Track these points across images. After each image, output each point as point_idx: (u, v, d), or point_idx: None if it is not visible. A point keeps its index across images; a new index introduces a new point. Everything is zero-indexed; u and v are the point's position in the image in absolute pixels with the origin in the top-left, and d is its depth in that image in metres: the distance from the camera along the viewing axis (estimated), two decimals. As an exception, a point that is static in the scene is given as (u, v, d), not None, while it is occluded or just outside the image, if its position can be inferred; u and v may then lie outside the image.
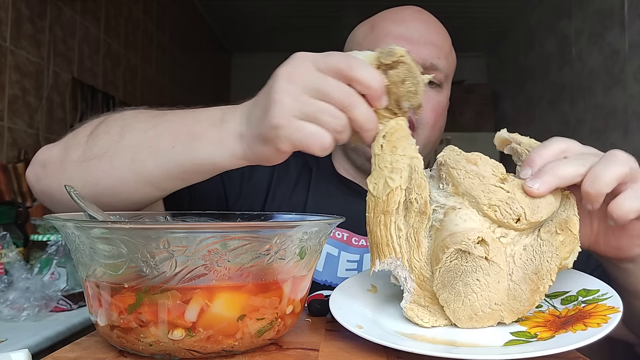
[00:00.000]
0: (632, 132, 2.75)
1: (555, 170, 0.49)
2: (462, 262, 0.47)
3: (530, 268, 0.48)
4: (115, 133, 0.60)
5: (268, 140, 0.49)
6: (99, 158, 0.60)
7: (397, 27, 0.80)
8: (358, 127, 0.49)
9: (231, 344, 0.44)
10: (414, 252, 0.49)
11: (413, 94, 0.50)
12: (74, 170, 0.61)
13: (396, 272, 0.50)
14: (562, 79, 3.56)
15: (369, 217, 0.50)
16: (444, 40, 0.83)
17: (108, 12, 2.76)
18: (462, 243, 0.47)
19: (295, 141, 0.48)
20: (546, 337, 0.45)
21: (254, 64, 5.65)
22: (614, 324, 0.44)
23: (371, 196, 0.50)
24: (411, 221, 0.49)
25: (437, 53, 0.80)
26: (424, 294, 0.50)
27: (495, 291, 0.48)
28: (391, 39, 0.79)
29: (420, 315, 0.50)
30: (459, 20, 4.51)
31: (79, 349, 0.48)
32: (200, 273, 0.41)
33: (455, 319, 0.49)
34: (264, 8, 4.36)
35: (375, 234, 0.49)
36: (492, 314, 0.48)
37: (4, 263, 1.25)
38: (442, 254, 0.47)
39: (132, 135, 0.59)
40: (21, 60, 2.02)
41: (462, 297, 0.48)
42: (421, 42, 0.79)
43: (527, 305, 0.49)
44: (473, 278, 0.47)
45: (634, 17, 2.72)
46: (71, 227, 0.44)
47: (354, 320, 0.49)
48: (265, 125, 0.49)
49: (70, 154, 0.63)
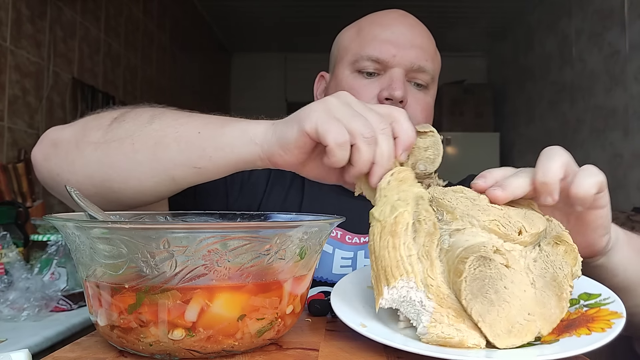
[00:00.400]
0: (632, 132, 2.75)
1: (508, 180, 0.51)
2: (486, 269, 0.44)
3: (548, 275, 0.47)
4: (144, 119, 0.61)
5: (295, 121, 0.51)
6: (121, 140, 0.59)
7: (384, 31, 0.82)
8: (378, 156, 0.50)
9: (231, 344, 0.44)
10: (428, 271, 0.46)
11: (430, 162, 0.55)
12: (91, 151, 0.61)
13: (409, 298, 0.45)
14: (562, 79, 3.56)
15: (375, 243, 0.47)
16: (428, 43, 0.85)
17: (108, 12, 2.76)
18: (481, 251, 0.45)
19: (318, 124, 0.49)
20: (550, 340, 0.45)
21: (254, 64, 5.67)
22: (618, 330, 0.44)
23: (377, 222, 0.48)
24: (421, 241, 0.47)
25: (423, 55, 0.82)
26: (446, 311, 0.44)
27: (525, 299, 0.45)
28: (378, 43, 0.81)
29: (447, 332, 0.44)
30: (459, 20, 4.51)
31: (79, 349, 0.48)
32: (200, 273, 0.41)
33: (494, 336, 0.44)
34: (264, 8, 4.36)
35: (384, 258, 0.46)
36: (529, 326, 0.45)
37: (4, 263, 1.25)
38: (463, 265, 0.44)
39: (162, 121, 0.59)
40: (21, 60, 2.02)
41: (496, 306, 0.44)
42: (407, 46, 0.81)
43: (558, 312, 0.46)
44: (501, 286, 0.45)
45: (634, 17, 2.73)
46: (71, 227, 0.44)
47: (357, 319, 0.49)
48: (299, 113, 0.51)
49: (89, 135, 0.62)
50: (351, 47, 0.84)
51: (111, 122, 0.62)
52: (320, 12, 4.27)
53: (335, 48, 0.89)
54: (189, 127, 0.57)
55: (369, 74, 0.82)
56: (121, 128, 0.61)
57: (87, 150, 0.61)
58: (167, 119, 0.60)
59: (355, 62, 0.82)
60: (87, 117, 0.67)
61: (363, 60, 0.81)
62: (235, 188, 0.84)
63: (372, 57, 0.80)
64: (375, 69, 0.81)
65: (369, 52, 0.80)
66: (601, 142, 3.01)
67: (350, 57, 0.83)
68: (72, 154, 0.62)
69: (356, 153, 0.49)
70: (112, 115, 0.64)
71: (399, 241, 0.46)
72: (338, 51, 0.88)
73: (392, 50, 0.80)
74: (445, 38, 4.90)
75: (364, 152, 0.49)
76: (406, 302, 0.46)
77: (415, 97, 0.82)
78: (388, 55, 0.80)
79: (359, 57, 0.81)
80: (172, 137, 0.57)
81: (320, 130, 0.49)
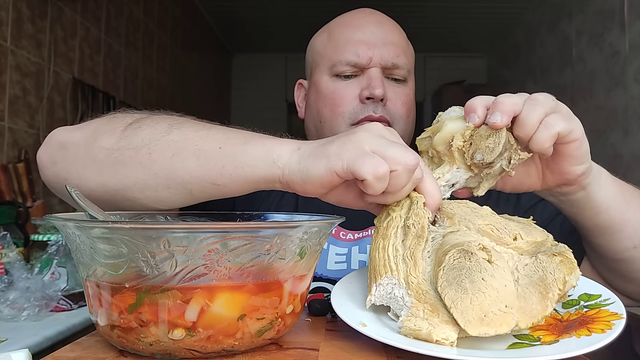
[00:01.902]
0: (632, 132, 2.75)
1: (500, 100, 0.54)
2: (465, 261, 0.46)
3: (536, 276, 0.48)
4: (162, 128, 0.58)
5: (324, 156, 0.48)
6: (137, 149, 0.57)
7: (355, 33, 0.84)
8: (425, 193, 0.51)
9: (231, 343, 0.44)
10: (410, 270, 0.48)
11: (489, 151, 0.54)
12: (104, 157, 0.59)
13: (393, 295, 0.48)
14: (562, 79, 3.56)
15: (371, 247, 0.52)
16: (400, 38, 0.86)
17: (109, 12, 2.76)
18: (464, 245, 0.47)
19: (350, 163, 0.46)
20: (550, 341, 0.45)
21: (255, 64, 5.67)
22: (618, 331, 0.44)
23: (375, 228, 0.53)
24: (408, 243, 0.50)
25: (396, 51, 0.83)
26: (422, 306, 0.47)
27: (503, 292, 0.45)
28: (352, 46, 0.82)
29: (419, 325, 0.46)
30: (459, 21, 4.51)
31: (79, 348, 0.48)
32: (200, 273, 0.41)
33: (465, 322, 0.44)
34: (265, 8, 4.36)
35: (374, 258, 0.51)
36: (504, 317, 0.44)
37: (4, 263, 1.25)
38: (444, 256, 0.47)
39: (181, 132, 0.57)
40: (22, 60, 2.02)
41: (470, 294, 0.45)
42: (380, 44, 0.82)
43: (540, 309, 0.46)
44: (478, 277, 0.45)
45: (634, 18, 2.72)
46: (72, 227, 0.44)
47: (357, 318, 0.49)
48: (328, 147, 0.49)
49: (101, 140, 0.60)
50: (325, 52, 0.86)
51: (125, 127, 0.60)
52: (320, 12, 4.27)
53: (310, 55, 0.91)
54: (210, 141, 0.55)
55: (347, 76, 0.84)
56: (137, 135, 0.58)
57: (99, 157, 0.59)
58: (187, 130, 0.57)
59: (332, 67, 0.84)
60: (98, 119, 0.65)
61: (341, 65, 0.83)
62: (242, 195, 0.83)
63: (350, 62, 0.82)
64: (353, 71, 0.83)
65: (346, 57, 0.82)
66: (601, 142, 3.01)
67: (326, 62, 0.85)
68: (82, 159, 0.60)
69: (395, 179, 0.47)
70: (126, 121, 0.62)
71: (387, 242, 0.50)
72: (313, 58, 0.89)
73: (368, 52, 0.82)
74: (445, 38, 4.91)
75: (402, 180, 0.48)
76: (392, 298, 0.49)
77: (394, 92, 0.84)
78: (364, 58, 0.82)
79: (337, 62, 0.83)
80: (191, 150, 0.55)
81: (353, 168, 0.46)
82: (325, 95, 0.85)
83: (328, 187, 0.50)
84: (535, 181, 0.61)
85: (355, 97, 0.82)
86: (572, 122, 0.55)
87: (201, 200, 0.58)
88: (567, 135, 0.54)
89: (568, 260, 0.49)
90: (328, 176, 0.48)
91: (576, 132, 0.55)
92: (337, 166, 0.47)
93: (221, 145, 0.54)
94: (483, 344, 0.46)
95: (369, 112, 0.81)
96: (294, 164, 0.51)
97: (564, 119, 0.54)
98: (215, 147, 0.54)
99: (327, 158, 0.48)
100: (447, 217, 0.53)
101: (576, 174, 0.58)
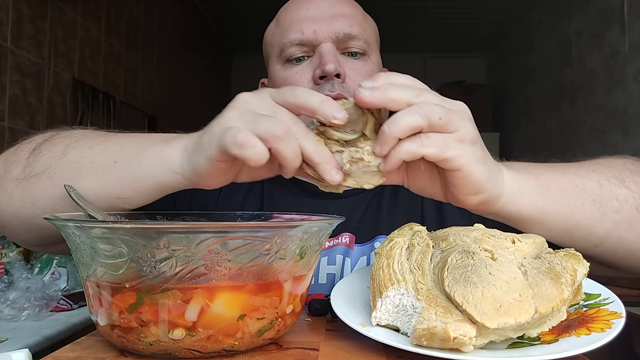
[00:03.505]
0: (632, 132, 2.75)
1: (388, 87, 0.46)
2: (469, 259, 0.45)
3: (544, 267, 0.47)
4: (59, 150, 0.58)
5: (201, 148, 0.48)
6: (39, 175, 0.57)
7: (299, 11, 0.77)
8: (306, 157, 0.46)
9: (231, 343, 0.44)
10: (418, 278, 0.47)
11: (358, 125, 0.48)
12: (13, 188, 0.59)
13: (401, 305, 0.47)
14: (562, 79, 3.56)
15: (374, 271, 0.51)
16: (352, 9, 0.79)
17: (109, 12, 2.76)
18: (466, 246, 0.47)
19: (220, 143, 0.45)
20: (549, 341, 0.45)
21: (255, 64, 5.65)
22: (618, 330, 0.44)
23: (376, 255, 0.52)
24: (414, 257, 0.50)
25: (348, 22, 0.75)
26: (434, 309, 0.44)
27: (514, 284, 0.43)
28: (296, 24, 0.75)
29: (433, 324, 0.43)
30: (459, 21, 4.51)
31: (80, 348, 0.48)
32: (200, 273, 0.41)
33: (481, 315, 0.41)
34: (265, 8, 4.36)
35: (378, 276, 0.50)
36: (522, 305, 0.42)
37: (5, 263, 1.25)
38: (447, 258, 0.47)
39: (77, 152, 0.57)
40: (22, 60, 2.02)
41: (480, 287, 0.42)
42: (327, 17, 0.75)
43: (556, 293, 0.44)
44: (485, 272, 0.44)
45: (633, 18, 2.72)
46: (72, 227, 0.44)
47: (357, 319, 0.49)
48: (202, 136, 0.48)
49: (10, 170, 0.60)
50: (274, 40, 0.79)
51: (29, 155, 0.60)
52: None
53: (264, 49, 0.85)
54: (105, 155, 0.55)
55: (298, 59, 0.76)
56: (37, 162, 0.58)
57: (9, 188, 0.59)
58: (82, 147, 0.57)
59: (281, 53, 0.76)
60: (9, 149, 0.65)
61: (287, 47, 0.75)
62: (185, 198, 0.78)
63: (294, 41, 0.75)
64: (303, 52, 0.75)
65: (290, 36, 0.75)
66: (601, 142, 3.01)
67: (276, 50, 0.78)
68: None
69: (276, 155, 0.45)
70: (30, 147, 0.62)
71: (392, 260, 0.50)
72: (266, 51, 0.83)
73: (312, 27, 0.74)
74: (445, 38, 4.91)
75: (283, 151, 0.45)
76: (400, 310, 0.47)
77: (353, 67, 0.75)
78: (309, 33, 0.74)
79: (283, 45, 0.76)
80: (88, 168, 0.55)
81: (224, 148, 0.45)
82: (279, 85, 0.76)
83: (220, 174, 0.49)
84: (438, 192, 0.53)
85: (309, 79, 0.74)
86: (456, 149, 0.46)
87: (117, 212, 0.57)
88: (445, 162, 0.47)
89: (572, 254, 0.49)
90: (212, 165, 0.47)
91: (458, 162, 0.47)
92: (213, 153, 0.46)
93: (116, 159, 0.54)
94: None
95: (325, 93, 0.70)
96: (186, 165, 0.50)
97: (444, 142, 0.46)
98: (111, 162, 0.54)
99: (203, 149, 0.48)
100: (442, 240, 0.52)
101: (471, 203, 0.52)
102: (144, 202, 0.56)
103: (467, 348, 0.41)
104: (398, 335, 0.47)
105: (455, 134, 0.47)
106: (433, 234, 0.54)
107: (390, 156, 0.46)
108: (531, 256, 0.50)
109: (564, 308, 0.46)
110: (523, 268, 0.47)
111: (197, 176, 0.50)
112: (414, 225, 0.56)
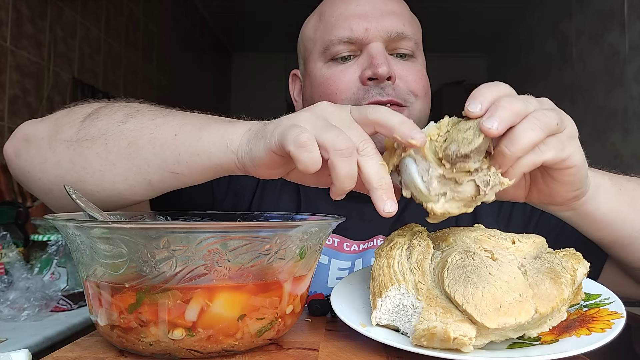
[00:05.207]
0: (632, 133, 2.75)
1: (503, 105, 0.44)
2: (469, 259, 0.46)
3: (544, 267, 0.47)
4: (119, 117, 0.57)
5: (263, 135, 0.47)
6: (94, 140, 0.56)
7: (348, 7, 0.72)
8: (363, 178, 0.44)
9: (231, 343, 0.44)
10: (419, 278, 0.47)
11: (467, 143, 0.45)
12: (63, 149, 0.58)
13: (401, 305, 0.47)
14: (562, 79, 3.56)
15: (374, 271, 0.51)
16: (401, 7, 0.75)
17: (109, 12, 2.76)
18: (466, 247, 0.48)
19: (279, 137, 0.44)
20: (550, 341, 0.45)
21: (254, 64, 5.67)
22: (618, 330, 0.44)
23: (377, 255, 0.52)
24: (414, 258, 0.50)
25: (400, 20, 0.72)
26: (434, 309, 0.44)
27: (514, 284, 0.43)
28: (344, 21, 0.71)
29: (433, 324, 0.43)
30: (459, 21, 4.51)
31: (79, 348, 0.48)
32: (200, 273, 0.41)
33: (481, 315, 0.41)
34: (265, 8, 4.36)
35: (378, 276, 0.50)
36: (522, 305, 0.42)
37: (4, 263, 1.25)
38: (448, 259, 0.47)
39: (137, 121, 0.56)
40: (22, 60, 2.02)
41: (480, 287, 0.42)
42: (378, 15, 0.71)
43: (556, 292, 0.44)
44: (485, 272, 0.44)
45: (634, 18, 2.72)
46: (71, 226, 0.44)
47: (357, 319, 0.49)
48: (268, 126, 0.47)
49: (62, 132, 0.59)
50: (317, 36, 0.75)
51: (84, 118, 0.59)
52: (320, 13, 4.27)
53: (301, 43, 0.80)
54: (165, 129, 0.54)
55: (344, 58, 0.72)
56: (94, 126, 0.57)
57: (59, 149, 0.58)
58: (143, 118, 0.56)
59: (325, 51, 0.72)
60: (60, 111, 0.63)
61: (333, 45, 0.71)
62: (222, 187, 0.78)
63: (342, 39, 0.70)
64: (350, 50, 0.71)
65: (338, 33, 0.71)
66: (601, 142, 3.01)
67: (319, 46, 0.74)
68: (43, 152, 0.59)
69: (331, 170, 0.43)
70: (85, 111, 0.60)
71: (392, 261, 0.50)
72: (305, 46, 0.78)
73: (363, 24, 0.70)
74: (445, 38, 4.91)
75: (339, 167, 0.43)
76: (400, 310, 0.47)
77: (404, 68, 0.72)
78: (360, 31, 0.70)
79: (329, 42, 0.71)
80: (146, 139, 0.54)
81: (282, 142, 0.44)
82: (320, 84, 0.73)
83: (273, 167, 0.48)
84: (519, 194, 0.54)
85: (355, 80, 0.70)
86: (570, 146, 0.47)
87: (162, 191, 0.57)
88: (562, 162, 0.47)
89: (572, 254, 0.49)
90: (268, 155, 0.46)
91: (573, 159, 0.47)
92: (271, 143, 0.45)
93: (176, 133, 0.53)
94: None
95: (374, 96, 0.69)
96: (244, 147, 0.49)
97: (560, 144, 0.46)
98: (171, 135, 0.53)
99: (264, 136, 0.47)
100: (442, 241, 0.52)
101: (566, 198, 0.52)
102: (194, 181, 0.55)
103: (467, 348, 0.41)
104: (398, 336, 0.47)
105: (565, 131, 0.47)
106: (433, 234, 0.55)
107: (509, 173, 0.45)
108: (531, 256, 0.50)
109: (564, 308, 0.46)
110: (523, 268, 0.47)
111: (251, 161, 0.49)
112: (415, 225, 0.56)
